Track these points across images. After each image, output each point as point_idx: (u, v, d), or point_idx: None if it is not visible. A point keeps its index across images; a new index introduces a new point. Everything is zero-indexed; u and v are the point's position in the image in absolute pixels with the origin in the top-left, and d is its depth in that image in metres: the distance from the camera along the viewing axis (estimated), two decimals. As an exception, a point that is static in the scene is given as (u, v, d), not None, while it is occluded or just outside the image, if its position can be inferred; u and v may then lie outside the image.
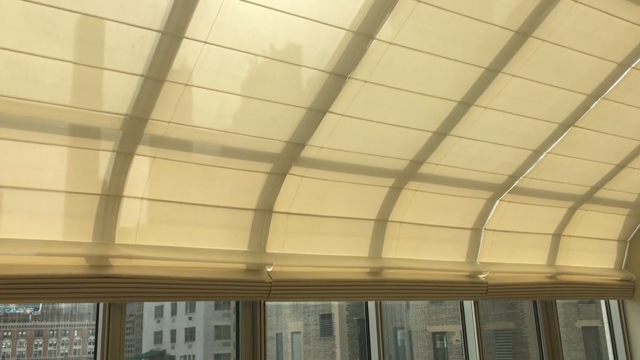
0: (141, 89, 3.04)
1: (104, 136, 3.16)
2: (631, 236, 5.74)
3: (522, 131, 4.29)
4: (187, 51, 3.01)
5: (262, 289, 3.71)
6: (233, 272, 3.71)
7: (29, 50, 2.75)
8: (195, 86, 3.19)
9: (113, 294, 3.26)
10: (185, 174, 3.52)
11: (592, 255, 5.56)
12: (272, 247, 3.90)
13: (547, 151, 4.49)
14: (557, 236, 5.26)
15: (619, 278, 5.61)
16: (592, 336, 16.05)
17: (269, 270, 3.80)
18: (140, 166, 3.32)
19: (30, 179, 3.05)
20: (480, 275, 4.74)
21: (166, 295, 3.44)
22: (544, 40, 3.66)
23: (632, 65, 4.05)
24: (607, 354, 5.88)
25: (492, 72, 3.74)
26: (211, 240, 3.68)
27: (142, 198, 3.39)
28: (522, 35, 3.58)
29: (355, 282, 4.14)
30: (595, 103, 4.23)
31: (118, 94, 3.04)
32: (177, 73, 3.07)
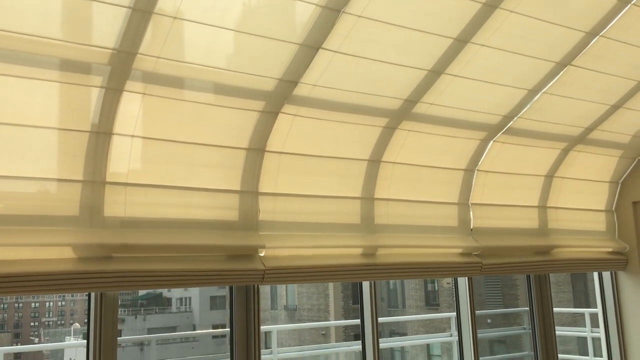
0: (129, 22, 2.94)
1: (93, 71, 3.09)
2: (623, 178, 5.76)
3: (518, 70, 4.22)
4: (175, -18, 2.91)
5: (256, 275, 3.71)
6: (226, 247, 3.68)
7: (11, -20, 2.65)
8: (185, 19, 3.09)
9: (107, 284, 3.24)
10: (175, 111, 3.47)
11: (583, 197, 5.60)
12: (265, 186, 3.89)
13: (542, 91, 4.44)
14: (549, 177, 5.28)
15: (611, 244, 5.67)
16: (579, 278, 16.42)
17: (262, 254, 3.79)
18: (130, 103, 3.26)
19: (17, 115, 3.00)
20: (474, 253, 4.75)
21: (160, 283, 3.44)
22: (543, -25, 3.56)
23: (632, 2, 3.95)
24: (595, 297, 6.00)
25: (490, 7, 3.65)
26: (203, 180, 3.66)
27: (132, 136, 3.35)
28: (521, -32, 3.48)
29: (349, 266, 4.13)
30: (593, 41, 4.15)
31: (105, 27, 2.95)
32: (166, 5, 2.98)
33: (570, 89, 4.53)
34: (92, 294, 3.36)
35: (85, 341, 3.46)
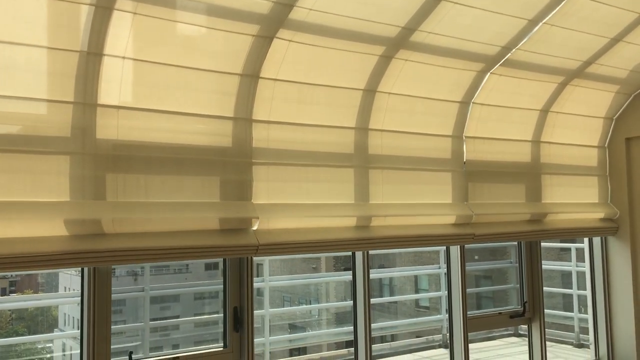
0: None
1: (81, -13, 2.98)
2: (618, 114, 5.75)
3: (520, -2, 4.12)
4: None
5: (250, 249, 3.71)
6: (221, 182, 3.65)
7: None
8: None
9: (100, 260, 3.24)
10: (167, 33, 3.38)
11: (576, 132, 5.60)
12: (259, 114, 3.85)
13: (543, 21, 4.35)
14: (544, 112, 5.25)
15: (601, 183, 5.74)
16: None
17: (255, 228, 3.77)
18: (121, 23, 3.16)
19: (4, 32, 2.91)
20: (468, 223, 4.79)
21: (154, 258, 3.43)
22: None
23: None
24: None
25: None
26: (196, 105, 3.61)
27: (123, 57, 3.27)
28: None
29: (342, 239, 4.16)
30: (598, -31, 4.04)
31: (93, -61, 2.83)
32: None
33: (571, 20, 4.44)
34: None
35: (80, 269, 3.49)
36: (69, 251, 3.10)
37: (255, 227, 3.76)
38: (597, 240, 5.85)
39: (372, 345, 4.46)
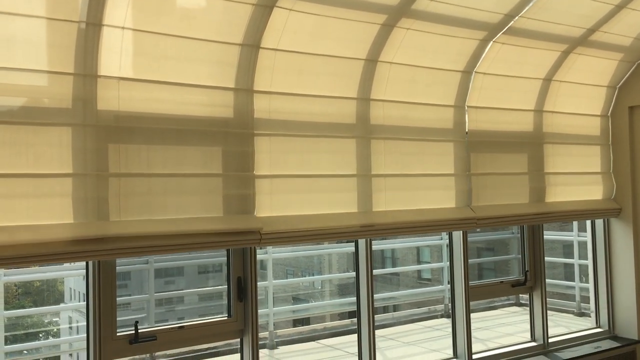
0: None
1: (78, -44, 2.95)
2: (621, 83, 5.71)
3: (523, -36, 4.06)
4: None
5: (253, 240, 3.72)
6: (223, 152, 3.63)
7: None
8: None
9: (102, 254, 3.25)
10: (167, 2, 3.36)
11: (579, 101, 5.56)
12: (260, 85, 3.83)
13: (546, -12, 4.30)
14: (547, 81, 5.22)
15: (603, 152, 5.74)
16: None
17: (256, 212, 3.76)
18: (119, -8, 3.14)
19: (3, 3, 2.88)
20: (470, 210, 4.79)
21: (157, 252, 3.45)
22: None
23: None
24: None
25: None
26: (197, 76, 3.59)
27: (123, 28, 3.25)
28: None
29: (346, 227, 4.16)
30: None
31: None
32: None
33: (575, -14, 4.39)
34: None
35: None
36: (72, 244, 3.11)
37: (256, 208, 3.76)
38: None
39: (375, 315, 4.50)
